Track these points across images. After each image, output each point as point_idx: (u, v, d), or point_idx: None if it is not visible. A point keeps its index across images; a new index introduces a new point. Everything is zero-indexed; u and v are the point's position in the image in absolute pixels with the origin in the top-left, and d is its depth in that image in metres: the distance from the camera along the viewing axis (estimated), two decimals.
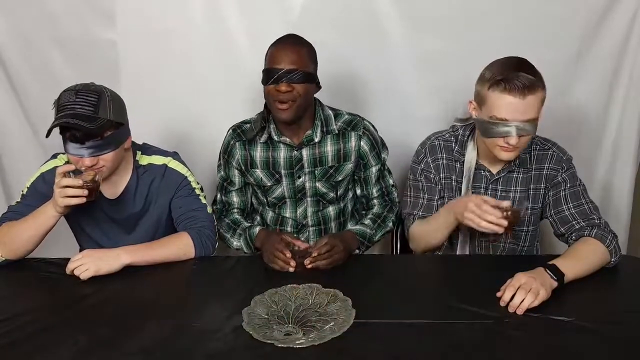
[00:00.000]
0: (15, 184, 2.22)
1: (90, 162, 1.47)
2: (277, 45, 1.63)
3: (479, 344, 1.18)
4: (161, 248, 1.56)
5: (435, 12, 2.01)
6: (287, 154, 1.74)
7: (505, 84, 1.44)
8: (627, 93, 2.10)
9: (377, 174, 1.80)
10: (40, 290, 1.45)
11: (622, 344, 1.18)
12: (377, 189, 1.81)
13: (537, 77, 1.47)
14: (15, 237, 1.52)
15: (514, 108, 1.44)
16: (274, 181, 1.77)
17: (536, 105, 1.47)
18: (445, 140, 1.70)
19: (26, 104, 2.13)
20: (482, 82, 1.51)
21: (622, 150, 2.17)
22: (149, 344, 1.16)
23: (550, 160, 1.63)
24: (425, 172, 1.70)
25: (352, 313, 1.25)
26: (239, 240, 1.70)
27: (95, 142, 1.46)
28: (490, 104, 1.48)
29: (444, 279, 1.54)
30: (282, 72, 1.57)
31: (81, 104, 1.44)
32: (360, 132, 1.75)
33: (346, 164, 1.76)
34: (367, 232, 1.70)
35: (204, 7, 2.02)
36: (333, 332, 1.18)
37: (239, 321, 1.23)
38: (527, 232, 1.69)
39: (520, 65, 1.47)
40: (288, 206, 1.82)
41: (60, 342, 1.17)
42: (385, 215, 1.78)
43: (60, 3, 2.00)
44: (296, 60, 1.58)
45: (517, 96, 1.43)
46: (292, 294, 1.35)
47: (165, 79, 2.09)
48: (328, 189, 1.79)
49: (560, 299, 1.34)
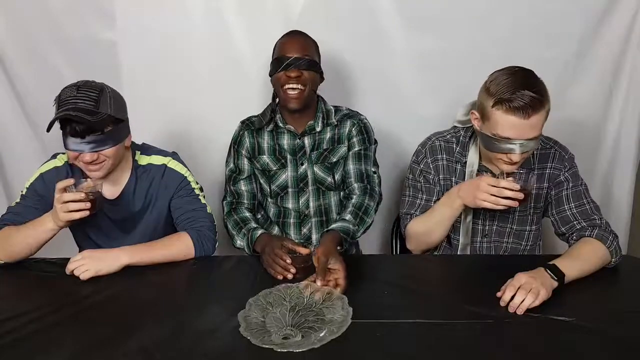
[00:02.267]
0: (15, 184, 2.22)
1: (91, 157, 1.47)
2: (286, 37, 1.75)
3: (479, 344, 1.18)
4: (161, 248, 1.56)
5: (435, 12, 2.01)
6: (290, 141, 1.81)
7: (509, 104, 1.41)
8: (627, 93, 2.10)
9: (357, 152, 1.80)
10: (40, 290, 1.45)
11: (622, 344, 1.18)
12: (355, 168, 1.78)
13: (542, 93, 1.43)
14: (13, 243, 1.52)
15: (518, 128, 1.43)
16: (279, 165, 1.81)
17: (540, 123, 1.45)
18: (446, 141, 1.70)
19: (26, 104, 2.13)
20: (487, 96, 1.47)
21: (622, 150, 2.17)
22: (149, 344, 1.16)
23: (553, 159, 1.63)
24: (425, 172, 1.70)
25: (349, 311, 1.23)
26: (242, 240, 1.70)
27: (96, 136, 1.46)
28: (494, 122, 1.46)
29: (444, 279, 1.54)
30: (292, 59, 1.67)
31: (82, 99, 1.44)
32: (355, 120, 1.83)
33: (340, 146, 1.82)
34: (350, 228, 1.65)
35: (204, 7, 2.02)
36: (332, 333, 1.16)
37: (238, 322, 1.22)
38: (529, 231, 1.69)
39: (525, 83, 1.43)
40: (290, 196, 1.84)
41: (60, 342, 1.17)
42: (366, 206, 1.71)
43: (60, 3, 2.00)
44: (304, 48, 1.70)
45: (521, 117, 1.41)
46: (287, 294, 1.34)
47: (165, 79, 2.08)
48: (325, 173, 1.81)
49: (560, 299, 1.34)
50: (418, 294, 1.39)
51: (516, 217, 1.67)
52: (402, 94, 2.13)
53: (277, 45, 1.74)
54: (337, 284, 1.37)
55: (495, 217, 1.67)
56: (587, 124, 2.17)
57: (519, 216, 1.67)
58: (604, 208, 2.22)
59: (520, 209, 1.64)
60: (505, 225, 1.68)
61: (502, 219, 1.67)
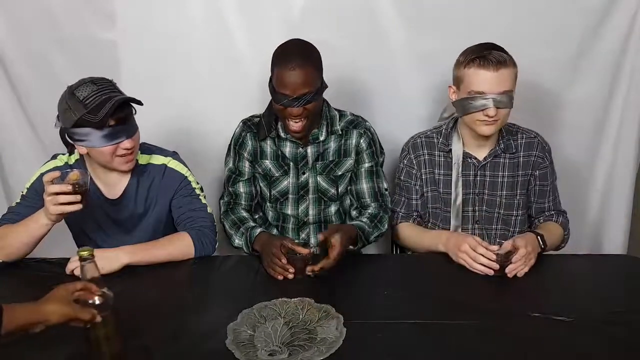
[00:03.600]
0: (15, 184, 2.22)
1: (130, 143, 1.48)
2: (284, 67, 1.58)
3: (479, 344, 1.18)
4: (161, 248, 1.56)
5: (435, 12, 2.01)
6: (293, 149, 1.78)
7: (479, 60, 1.57)
8: (627, 93, 2.10)
9: (369, 169, 1.80)
10: (40, 290, 1.44)
11: (622, 343, 1.18)
12: (369, 186, 1.80)
13: (508, 54, 1.60)
14: (9, 242, 1.51)
15: (489, 80, 1.56)
16: (282, 172, 1.79)
17: (510, 78, 1.58)
18: (427, 137, 1.81)
19: (26, 104, 2.13)
20: (458, 64, 1.64)
21: (622, 150, 2.17)
22: (149, 344, 1.16)
23: (537, 148, 1.75)
24: (407, 168, 1.80)
25: (342, 332, 1.19)
26: (240, 239, 1.70)
27: (129, 125, 1.48)
28: (468, 81, 1.60)
29: (443, 278, 1.54)
30: (293, 98, 1.58)
31: (109, 87, 1.45)
32: (361, 130, 1.78)
33: (347, 159, 1.79)
34: (366, 228, 1.69)
35: (204, 7, 2.02)
36: (320, 354, 1.12)
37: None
38: (516, 217, 1.78)
39: (491, 46, 1.60)
40: (290, 203, 1.83)
41: (60, 342, 1.17)
42: (381, 216, 1.77)
43: (60, 3, 2.00)
44: (306, 84, 1.58)
45: (491, 69, 1.56)
46: (283, 309, 1.30)
47: (165, 78, 2.08)
48: (329, 184, 1.80)
49: (561, 299, 1.34)
50: (418, 294, 1.39)
51: (503, 202, 1.76)
52: (402, 95, 2.13)
53: (275, 73, 1.61)
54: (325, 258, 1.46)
55: (484, 202, 1.76)
56: (587, 124, 2.17)
57: (505, 201, 1.76)
58: (603, 208, 2.23)
59: (507, 193, 1.75)
60: (493, 210, 1.76)
61: (490, 204, 1.76)
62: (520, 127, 1.78)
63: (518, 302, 1.36)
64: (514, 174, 1.74)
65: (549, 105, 2.12)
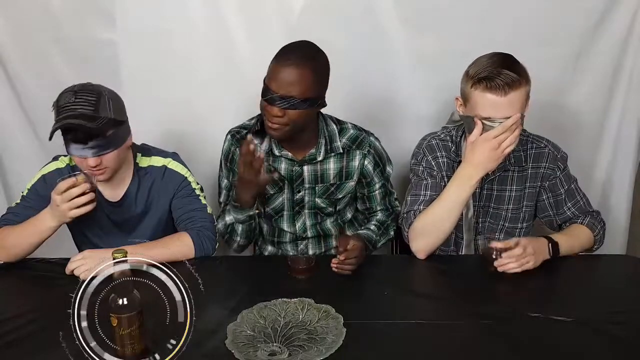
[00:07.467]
0: (15, 185, 2.22)
1: (94, 162, 1.47)
2: (280, 60, 1.49)
3: (479, 344, 1.18)
4: (161, 248, 1.56)
5: (435, 12, 2.01)
6: (288, 167, 1.70)
7: (486, 82, 1.43)
8: (627, 93, 2.10)
9: (381, 191, 1.77)
10: (40, 290, 1.45)
11: (622, 343, 1.18)
12: (383, 204, 1.79)
13: (520, 73, 1.45)
14: (13, 242, 1.52)
15: (497, 106, 1.43)
16: (277, 189, 1.73)
17: (519, 101, 1.45)
18: (442, 139, 1.69)
19: (26, 104, 2.13)
20: (466, 79, 1.50)
21: (622, 150, 2.17)
22: (149, 343, 1.16)
23: (547, 159, 1.64)
24: (428, 169, 1.67)
25: (342, 332, 1.18)
26: (230, 215, 1.63)
27: (98, 141, 1.45)
28: (474, 103, 1.47)
29: (444, 279, 1.54)
30: (277, 95, 1.47)
31: (81, 104, 1.43)
32: (365, 150, 1.70)
33: (348, 182, 1.73)
34: (373, 237, 1.69)
35: (203, 7, 2.02)
36: (320, 354, 1.11)
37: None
38: (520, 229, 1.71)
39: (503, 62, 1.45)
40: (285, 219, 1.78)
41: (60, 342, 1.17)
42: (388, 224, 1.78)
43: (60, 3, 2.00)
44: (295, 84, 1.46)
45: (499, 94, 1.42)
46: (282, 309, 1.29)
47: (165, 79, 2.08)
48: (327, 205, 1.77)
49: (560, 299, 1.34)
50: (418, 294, 1.39)
51: (509, 215, 1.68)
52: (402, 95, 2.13)
53: (271, 65, 1.52)
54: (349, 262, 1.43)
55: (489, 214, 1.69)
56: (587, 124, 2.17)
57: (511, 214, 1.68)
58: (603, 208, 2.22)
59: (513, 207, 1.67)
60: (497, 222, 1.70)
61: (495, 216, 1.69)
62: (530, 135, 1.67)
63: (518, 302, 1.36)
64: (521, 187, 1.65)
65: (549, 105, 2.12)
